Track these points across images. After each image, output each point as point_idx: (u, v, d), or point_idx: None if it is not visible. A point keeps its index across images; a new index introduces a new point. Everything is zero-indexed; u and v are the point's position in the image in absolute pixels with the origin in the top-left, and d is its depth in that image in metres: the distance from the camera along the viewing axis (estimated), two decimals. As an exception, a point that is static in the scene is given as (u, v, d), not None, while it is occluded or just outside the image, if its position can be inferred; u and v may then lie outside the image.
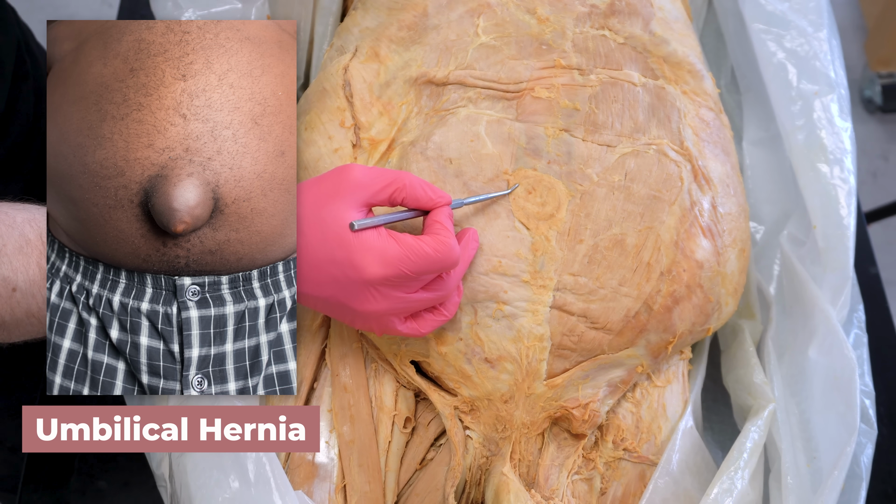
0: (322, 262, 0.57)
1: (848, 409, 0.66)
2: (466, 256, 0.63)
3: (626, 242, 0.67)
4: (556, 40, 0.75)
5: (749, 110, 0.88)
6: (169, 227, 0.56)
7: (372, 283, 0.57)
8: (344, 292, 0.57)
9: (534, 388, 0.66)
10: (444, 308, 0.62)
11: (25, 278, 0.53)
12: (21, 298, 0.53)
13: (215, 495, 0.58)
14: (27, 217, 0.55)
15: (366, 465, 0.65)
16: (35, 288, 0.53)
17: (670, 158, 0.71)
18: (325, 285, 0.58)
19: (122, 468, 0.81)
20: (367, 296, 0.57)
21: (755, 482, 0.66)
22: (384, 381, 0.68)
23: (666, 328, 0.68)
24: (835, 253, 0.73)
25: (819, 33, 0.81)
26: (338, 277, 0.57)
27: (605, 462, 0.68)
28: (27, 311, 0.54)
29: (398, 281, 0.57)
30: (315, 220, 0.57)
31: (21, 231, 0.54)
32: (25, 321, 0.54)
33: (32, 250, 0.54)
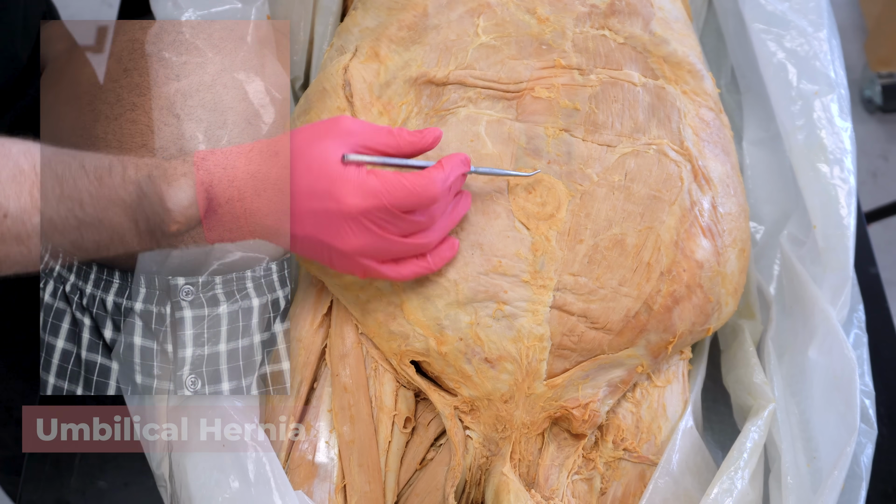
0: (303, 194, 0.57)
1: (848, 409, 0.66)
2: (456, 214, 0.63)
3: (626, 242, 0.67)
4: (556, 40, 0.75)
5: (749, 110, 0.88)
6: (162, 227, 0.56)
7: (350, 215, 0.56)
8: (324, 227, 0.57)
9: (534, 388, 0.66)
10: (431, 257, 0.61)
11: (17, 205, 0.54)
12: (11, 224, 0.54)
13: (215, 495, 0.58)
14: (22, 149, 0.56)
15: (366, 465, 0.65)
16: (26, 215, 0.54)
17: (670, 158, 0.71)
18: (306, 219, 0.57)
19: (122, 468, 0.81)
20: (347, 230, 0.57)
21: (755, 482, 0.66)
22: (384, 381, 0.68)
23: (666, 328, 0.68)
24: (835, 253, 0.73)
25: (819, 33, 0.81)
26: (317, 210, 0.57)
27: (605, 462, 0.68)
28: (17, 236, 0.55)
29: (377, 215, 0.56)
30: (302, 155, 0.57)
31: (16, 161, 0.55)
32: (14, 248, 0.55)
33: (25, 179, 0.54)
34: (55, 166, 0.56)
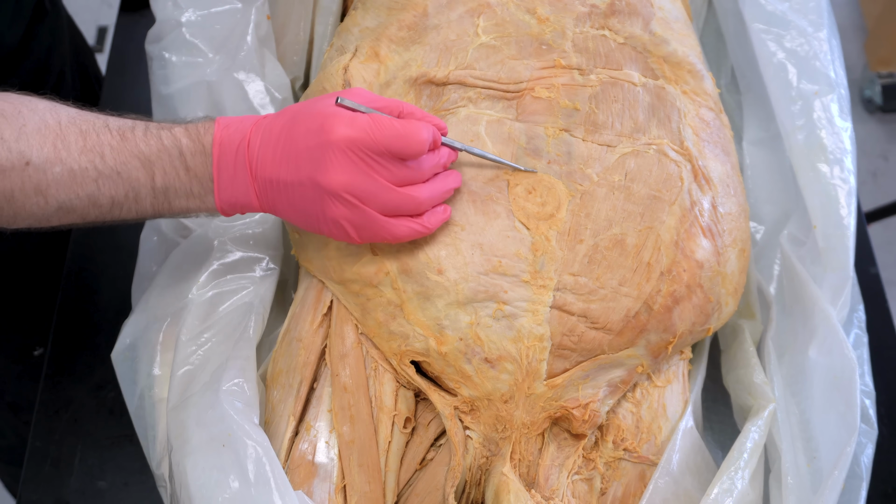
0: (300, 135, 0.59)
1: (848, 409, 0.66)
2: (446, 184, 0.64)
3: (626, 242, 0.67)
4: (556, 40, 0.75)
5: (749, 110, 0.88)
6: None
7: (337, 146, 0.58)
8: (314, 163, 0.58)
9: (534, 388, 0.66)
10: (424, 219, 0.62)
11: (39, 155, 0.56)
12: (32, 173, 0.56)
13: (215, 495, 0.58)
14: (49, 106, 0.59)
15: (366, 465, 0.65)
16: (48, 165, 0.57)
17: (670, 158, 0.71)
18: (301, 160, 0.59)
19: (122, 468, 0.81)
20: (334, 161, 0.58)
21: (755, 482, 0.66)
22: (384, 381, 0.68)
23: (666, 328, 0.68)
24: (835, 253, 0.73)
25: (819, 33, 0.81)
26: (310, 146, 0.59)
27: (606, 462, 0.68)
28: (36, 186, 0.57)
29: (364, 150, 0.58)
30: (306, 107, 0.61)
31: (42, 116, 0.57)
32: (32, 199, 0.57)
33: (49, 132, 0.57)
34: (80, 123, 0.59)
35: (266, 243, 0.76)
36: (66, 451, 0.81)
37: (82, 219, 0.60)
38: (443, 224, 0.65)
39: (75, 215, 0.60)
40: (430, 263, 0.65)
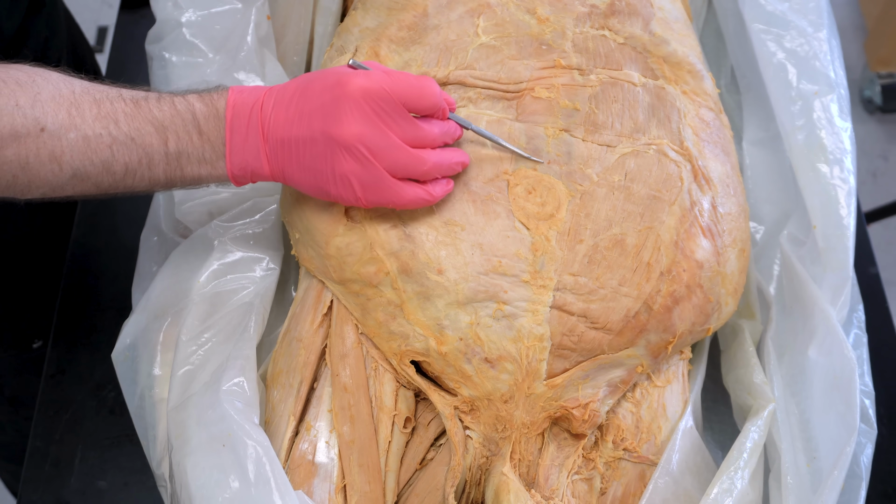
0: (315, 93, 0.60)
1: (848, 409, 0.66)
2: (454, 155, 0.65)
3: (626, 242, 0.67)
4: (556, 40, 0.75)
5: (749, 110, 0.88)
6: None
7: (353, 97, 0.59)
8: (328, 116, 0.59)
9: (534, 388, 0.66)
10: (430, 186, 0.63)
11: (54, 121, 0.57)
12: (47, 139, 0.57)
13: (215, 495, 0.58)
14: (62, 76, 0.59)
15: (366, 465, 0.65)
16: (62, 131, 0.57)
17: (670, 158, 0.71)
18: (314, 115, 0.60)
19: (122, 468, 0.81)
20: (348, 112, 0.59)
21: (755, 482, 0.66)
22: (384, 381, 0.68)
23: (666, 328, 0.68)
24: (835, 253, 0.73)
25: (819, 33, 0.81)
26: (325, 102, 0.60)
27: (605, 462, 0.68)
28: (51, 153, 0.57)
29: (379, 102, 0.59)
30: (319, 73, 0.62)
31: (56, 85, 0.58)
32: (47, 167, 0.57)
33: (63, 100, 0.58)
34: (93, 92, 0.60)
35: (266, 243, 0.76)
36: (66, 451, 0.81)
37: (96, 187, 0.61)
38: (443, 224, 0.65)
39: (89, 183, 0.60)
40: (430, 263, 0.65)
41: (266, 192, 0.80)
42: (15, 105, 0.55)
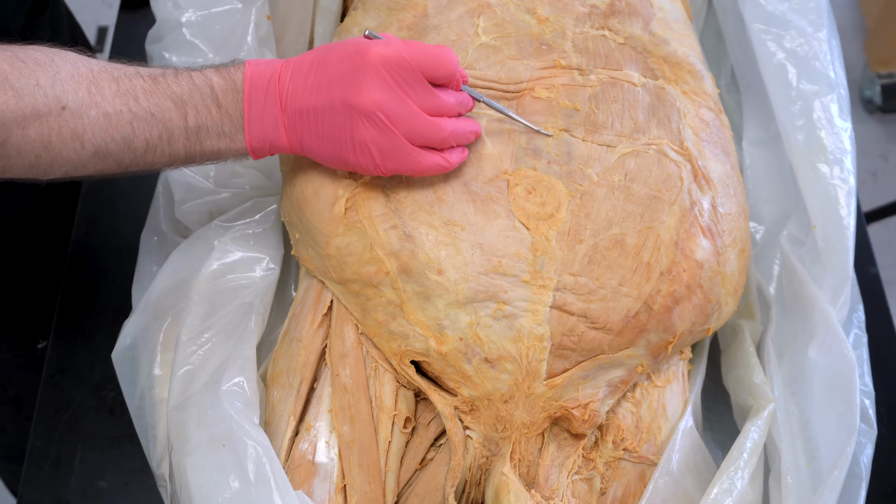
0: (333, 63, 0.61)
1: (848, 409, 0.66)
2: (469, 124, 0.65)
3: (626, 242, 0.67)
4: (556, 40, 0.75)
5: (749, 110, 0.88)
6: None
7: (373, 65, 0.59)
8: (347, 84, 0.60)
9: (534, 388, 0.66)
10: (447, 154, 0.64)
11: (75, 99, 0.57)
12: (69, 117, 0.57)
13: (215, 495, 0.58)
14: (79, 56, 0.60)
15: (366, 465, 0.65)
16: (83, 109, 0.58)
17: (670, 158, 0.71)
18: (334, 84, 0.60)
19: (122, 468, 0.81)
20: (368, 79, 0.59)
21: (755, 482, 0.66)
22: (384, 381, 0.68)
23: (666, 328, 0.68)
24: (835, 253, 0.73)
25: (819, 33, 0.81)
26: (344, 71, 0.60)
27: (605, 462, 0.68)
28: (73, 131, 0.58)
29: (398, 70, 0.60)
30: (336, 44, 0.63)
31: (74, 64, 0.59)
32: (69, 145, 0.58)
33: (83, 79, 0.58)
34: (111, 70, 0.60)
35: (266, 243, 0.76)
36: (66, 451, 0.81)
37: (117, 164, 0.61)
38: (443, 224, 0.65)
39: (111, 160, 0.61)
40: (430, 263, 0.65)
41: (266, 192, 0.80)
42: (36, 84, 0.56)
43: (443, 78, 0.62)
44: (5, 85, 0.55)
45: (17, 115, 0.55)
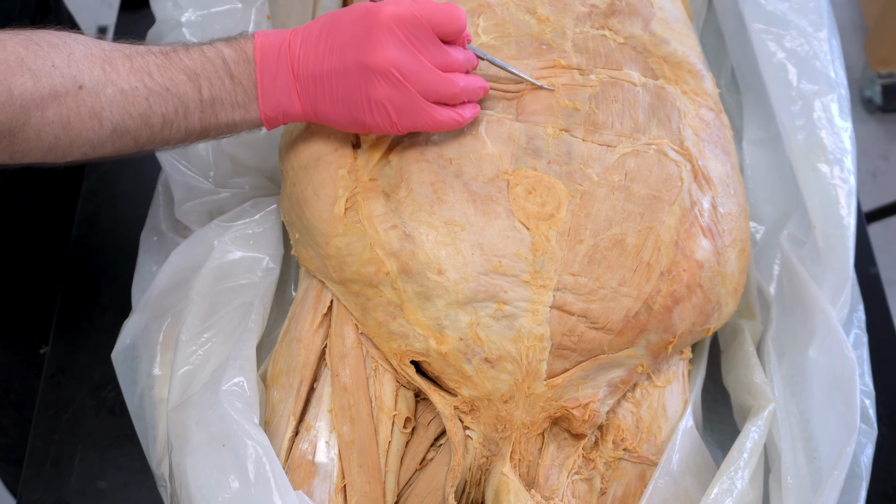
0: (345, 26, 0.62)
1: (848, 409, 0.66)
2: (478, 83, 0.66)
3: (626, 242, 0.67)
4: (556, 40, 0.75)
5: (749, 110, 0.88)
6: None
7: (385, 24, 0.60)
8: (360, 45, 0.61)
9: (534, 388, 0.66)
10: (460, 109, 0.65)
11: (91, 77, 0.58)
12: (86, 96, 0.58)
13: (215, 495, 0.58)
14: (89, 38, 0.61)
15: (366, 465, 0.65)
16: (99, 87, 0.58)
17: (670, 158, 0.71)
18: (347, 47, 0.61)
19: (122, 468, 0.81)
20: (381, 39, 0.60)
21: (755, 482, 0.66)
22: (384, 381, 0.68)
23: (666, 328, 0.68)
24: (835, 253, 0.73)
25: (819, 33, 0.81)
26: (356, 33, 0.61)
27: (605, 462, 0.68)
28: (91, 110, 0.58)
29: (410, 28, 0.61)
30: (345, 9, 0.64)
31: (86, 44, 0.59)
32: (88, 124, 0.58)
33: (96, 58, 0.59)
34: (123, 49, 0.61)
35: (266, 243, 0.76)
36: (66, 451, 0.81)
37: (134, 141, 0.62)
38: (443, 224, 0.65)
39: (128, 137, 0.61)
40: (430, 263, 0.65)
41: (266, 192, 0.81)
42: (52, 65, 0.56)
43: (452, 34, 0.63)
44: (22, 67, 0.55)
45: (35, 97, 0.56)
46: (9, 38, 0.56)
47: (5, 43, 0.55)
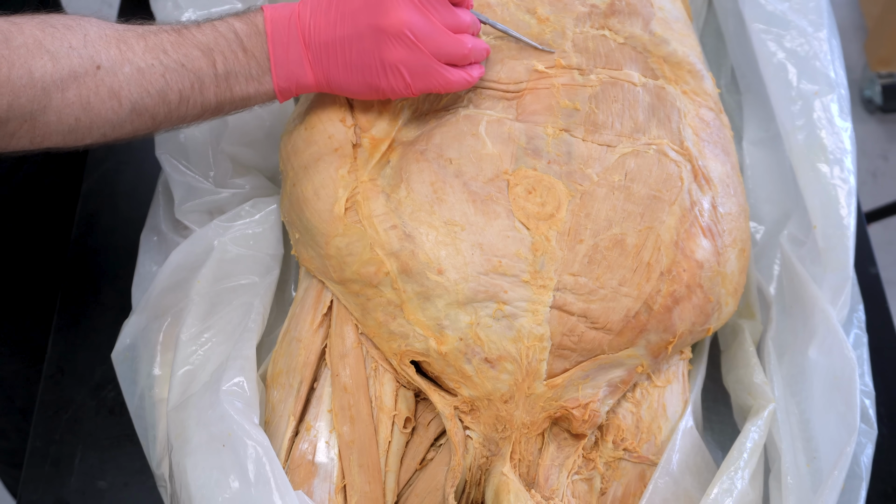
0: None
1: (848, 409, 0.66)
2: (483, 44, 0.68)
3: (626, 242, 0.67)
4: (556, 40, 0.75)
5: (749, 110, 0.88)
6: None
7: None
8: (372, 11, 0.62)
9: (534, 388, 0.66)
10: (469, 69, 0.66)
11: (107, 57, 0.59)
12: (104, 76, 0.59)
13: (215, 495, 0.58)
14: (101, 21, 0.62)
15: (366, 465, 0.65)
16: (117, 66, 0.59)
17: (670, 158, 0.71)
18: (359, 13, 0.62)
19: (122, 468, 0.81)
20: (393, 2, 0.61)
21: (755, 482, 0.66)
22: (384, 381, 0.68)
23: (666, 328, 0.68)
24: (835, 253, 0.73)
25: (819, 33, 0.81)
26: (369, 1, 0.62)
27: (605, 462, 0.68)
28: (110, 89, 0.59)
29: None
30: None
31: (99, 26, 0.60)
32: (107, 104, 0.59)
33: (111, 38, 0.60)
34: (135, 29, 0.62)
35: (266, 243, 0.76)
36: (66, 451, 0.81)
37: (152, 120, 0.63)
38: (443, 224, 0.65)
39: (147, 116, 0.62)
40: (430, 263, 0.65)
41: (266, 192, 0.81)
42: (69, 47, 0.57)
43: (462, 10, 0.65)
44: (41, 49, 0.56)
45: (55, 79, 0.56)
46: (25, 22, 0.56)
47: (22, 27, 0.56)
